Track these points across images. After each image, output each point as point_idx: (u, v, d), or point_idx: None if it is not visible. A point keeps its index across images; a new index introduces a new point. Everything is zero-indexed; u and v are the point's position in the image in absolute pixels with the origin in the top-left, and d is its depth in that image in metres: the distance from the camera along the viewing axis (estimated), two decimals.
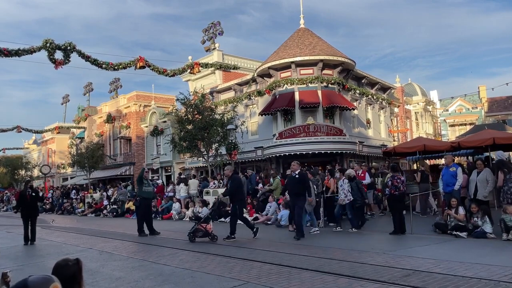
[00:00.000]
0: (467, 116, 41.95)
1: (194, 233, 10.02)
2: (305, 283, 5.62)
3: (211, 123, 19.09)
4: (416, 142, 17.50)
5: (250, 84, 24.53)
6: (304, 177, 10.55)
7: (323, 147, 19.73)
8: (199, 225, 10.05)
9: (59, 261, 2.40)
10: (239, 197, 10.87)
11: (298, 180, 10.48)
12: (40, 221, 14.80)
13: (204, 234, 10.02)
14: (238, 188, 10.84)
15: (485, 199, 9.86)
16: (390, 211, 11.43)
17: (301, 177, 10.53)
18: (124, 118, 36.18)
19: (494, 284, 5.15)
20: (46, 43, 15.85)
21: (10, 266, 7.70)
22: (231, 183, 11.04)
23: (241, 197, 11.10)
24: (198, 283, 5.89)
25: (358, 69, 23.97)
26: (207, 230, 10.03)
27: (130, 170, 34.03)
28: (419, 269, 6.09)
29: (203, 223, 10.10)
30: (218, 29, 27.45)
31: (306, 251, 8.18)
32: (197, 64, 21.02)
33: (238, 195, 10.79)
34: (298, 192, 10.42)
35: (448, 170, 10.96)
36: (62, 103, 48.53)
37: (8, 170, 45.98)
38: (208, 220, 10.24)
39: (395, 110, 30.73)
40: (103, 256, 8.87)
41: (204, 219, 10.23)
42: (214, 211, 11.03)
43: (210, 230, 10.08)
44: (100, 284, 6.14)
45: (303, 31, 23.39)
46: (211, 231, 10.07)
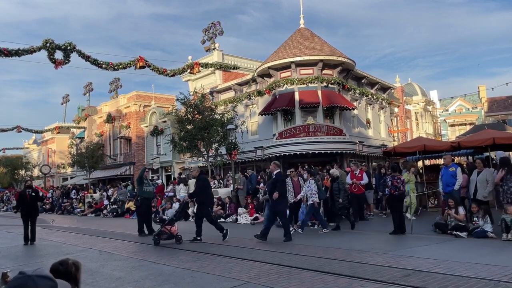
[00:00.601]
0: (467, 116, 41.95)
1: (158, 235, 9.84)
2: (305, 283, 5.62)
3: (211, 123, 19.08)
4: (416, 142, 17.50)
5: (250, 84, 24.53)
6: (277, 179, 10.24)
7: (323, 147, 19.72)
8: (164, 228, 9.87)
9: (55, 262, 2.41)
10: (205, 198, 10.64)
11: (272, 181, 10.33)
12: (40, 221, 14.81)
13: (169, 237, 9.84)
14: (203, 189, 10.62)
15: (485, 199, 9.86)
16: (390, 211, 11.44)
17: (275, 178, 10.29)
18: (124, 118, 36.18)
19: (494, 284, 5.15)
20: (46, 43, 15.85)
21: (10, 266, 7.70)
22: (197, 183, 10.79)
23: (207, 199, 10.87)
24: (198, 283, 5.90)
25: (358, 69, 23.96)
26: (171, 232, 9.86)
27: (130, 170, 34.03)
28: (419, 269, 6.09)
29: (168, 225, 9.91)
30: (218, 29, 27.45)
31: (306, 251, 8.18)
32: (197, 64, 21.01)
33: (204, 197, 10.57)
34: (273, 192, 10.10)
35: (447, 170, 10.97)
36: (62, 103, 48.56)
37: (8, 170, 46.00)
38: (173, 222, 10.07)
39: (395, 110, 30.74)
40: (103, 256, 8.87)
41: (169, 221, 10.05)
42: (180, 213, 10.69)
43: (175, 232, 9.93)
44: (100, 284, 6.14)
45: (303, 31, 23.39)
46: (177, 233, 9.93)
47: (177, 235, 9.90)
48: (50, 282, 1.98)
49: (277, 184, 10.09)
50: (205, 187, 10.76)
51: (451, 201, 9.91)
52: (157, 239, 9.83)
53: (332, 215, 12.96)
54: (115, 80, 37.88)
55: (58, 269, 2.34)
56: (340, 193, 11.63)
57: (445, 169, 11.09)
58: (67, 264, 2.38)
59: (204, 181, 10.89)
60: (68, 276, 2.32)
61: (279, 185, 10.09)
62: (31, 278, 1.93)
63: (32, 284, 1.91)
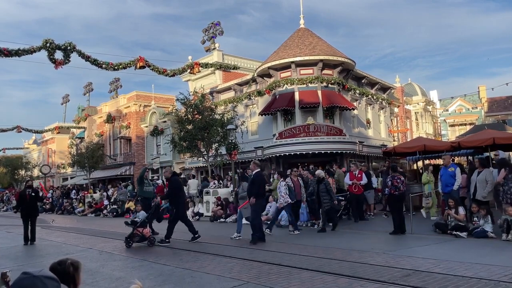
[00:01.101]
0: (467, 116, 41.95)
1: (130, 238, 9.73)
2: (305, 283, 5.62)
3: (211, 123, 19.08)
4: (416, 142, 17.50)
5: (250, 84, 24.53)
6: (253, 179, 10.09)
7: (323, 147, 19.72)
8: (136, 230, 9.76)
9: (54, 262, 2.40)
10: (179, 200, 10.48)
11: (250, 181, 10.22)
12: (40, 221, 14.81)
13: (141, 239, 9.76)
14: (177, 190, 10.45)
15: (484, 200, 9.86)
16: (390, 211, 11.44)
17: (252, 178, 10.16)
18: (124, 118, 36.18)
19: (494, 284, 5.15)
20: (46, 43, 15.85)
21: (10, 266, 7.71)
22: (169, 185, 10.62)
23: (181, 200, 10.69)
24: (198, 283, 5.90)
25: (358, 69, 23.96)
26: (143, 234, 9.78)
27: (130, 170, 34.03)
28: (419, 269, 6.09)
29: (140, 227, 9.81)
30: (218, 29, 27.44)
31: (306, 251, 8.19)
32: (197, 64, 21.01)
33: (177, 198, 10.43)
34: (249, 192, 10.01)
35: (446, 170, 10.97)
36: (62, 103, 48.57)
37: (8, 170, 46.00)
38: (145, 224, 9.97)
39: (395, 110, 30.73)
40: (103, 256, 8.88)
41: (140, 223, 9.90)
42: (152, 215, 10.51)
43: (148, 234, 9.85)
44: (100, 284, 6.14)
45: (303, 31, 23.39)
46: (149, 236, 9.85)
47: (149, 237, 9.81)
48: (56, 283, 1.99)
49: (255, 185, 9.90)
50: (178, 188, 10.57)
51: (451, 201, 9.91)
52: (129, 241, 9.69)
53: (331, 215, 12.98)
54: (115, 80, 37.88)
55: (56, 269, 2.34)
56: (328, 195, 11.44)
57: (444, 169, 11.10)
58: (65, 264, 2.38)
59: (177, 183, 10.70)
60: (66, 276, 2.32)
61: (255, 186, 9.90)
62: (39, 279, 1.93)
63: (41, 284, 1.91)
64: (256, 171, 10.14)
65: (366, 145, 22.63)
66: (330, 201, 11.48)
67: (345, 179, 13.68)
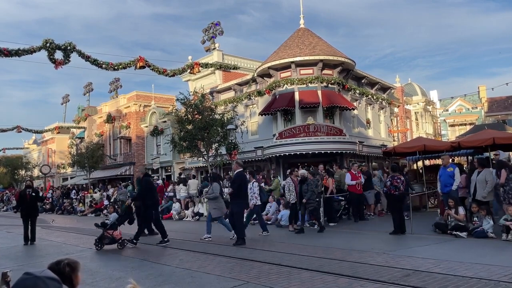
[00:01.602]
0: (467, 116, 41.94)
1: (100, 240, 9.63)
2: (305, 283, 5.63)
3: (211, 123, 19.07)
4: (416, 142, 17.50)
5: (250, 84, 24.52)
6: (233, 179, 9.98)
7: (323, 147, 19.71)
8: (106, 232, 9.66)
9: (52, 262, 2.40)
10: (151, 201, 10.30)
11: (231, 181, 10.13)
12: (40, 221, 14.81)
13: (111, 241, 9.63)
14: (148, 191, 10.29)
15: (484, 200, 9.86)
16: (390, 211, 11.44)
17: (233, 178, 10.03)
18: (124, 118, 36.18)
19: (494, 284, 5.15)
20: (46, 43, 15.84)
21: (10, 266, 7.71)
22: (140, 186, 10.42)
23: (153, 201, 10.49)
24: (198, 283, 5.90)
25: (358, 69, 23.95)
26: (114, 236, 9.65)
27: (130, 170, 34.02)
28: (419, 269, 6.09)
29: (110, 229, 9.70)
30: (218, 29, 27.42)
31: (306, 251, 8.19)
32: (197, 64, 20.99)
33: (149, 199, 10.25)
34: (233, 194, 9.92)
35: (445, 170, 10.97)
36: (62, 103, 48.56)
37: (8, 170, 45.99)
38: (115, 226, 9.83)
39: (395, 110, 30.73)
40: (103, 256, 8.88)
41: (111, 225, 9.80)
42: (123, 217, 10.29)
43: (118, 236, 9.73)
44: (100, 284, 6.14)
45: (303, 31, 23.38)
46: (119, 238, 9.73)
47: (120, 239, 9.69)
48: (57, 284, 1.99)
49: (234, 185, 9.84)
50: (149, 189, 10.38)
51: (451, 201, 9.92)
52: (99, 243, 9.57)
53: (331, 215, 12.99)
54: (115, 80, 37.86)
55: (54, 269, 2.34)
56: (313, 195, 11.27)
57: (443, 169, 11.10)
58: (61, 264, 2.38)
59: (148, 183, 10.51)
60: (62, 276, 2.32)
61: (235, 186, 9.81)
62: (41, 280, 1.93)
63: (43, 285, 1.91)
64: (238, 171, 10.05)
65: (366, 145, 22.63)
66: (314, 201, 11.31)
67: (347, 180, 13.65)
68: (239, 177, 9.93)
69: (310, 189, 11.31)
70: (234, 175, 10.14)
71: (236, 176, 9.98)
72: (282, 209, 13.64)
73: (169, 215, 18.20)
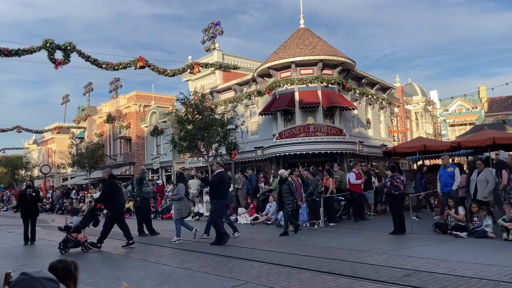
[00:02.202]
0: (467, 116, 41.93)
1: (65, 243, 9.42)
2: (305, 283, 5.62)
3: (211, 123, 19.07)
4: (416, 142, 17.50)
5: (250, 84, 24.51)
6: (212, 178, 9.93)
7: (323, 147, 19.70)
8: (70, 235, 9.46)
9: (54, 261, 2.40)
10: (115, 203, 10.07)
11: (210, 181, 10.06)
12: (40, 221, 14.79)
13: (75, 244, 9.45)
14: (112, 192, 10.04)
15: (485, 200, 9.85)
16: (390, 211, 11.43)
17: (212, 178, 10.00)
18: (124, 118, 36.17)
19: (494, 284, 5.15)
20: (46, 43, 15.84)
21: (10, 266, 7.71)
22: (104, 187, 10.25)
23: (117, 203, 10.22)
24: (198, 283, 5.90)
25: (358, 69, 23.94)
26: (78, 240, 9.47)
27: (130, 170, 34.03)
28: (419, 269, 6.09)
29: (74, 232, 9.50)
30: (218, 29, 27.40)
31: (306, 251, 8.19)
32: (197, 64, 20.99)
33: (113, 201, 10.03)
34: (211, 194, 9.82)
35: (445, 170, 10.97)
36: (62, 103, 48.52)
37: (8, 170, 46.00)
38: (79, 229, 9.62)
39: (395, 110, 30.72)
40: (103, 256, 8.88)
41: (74, 228, 9.58)
42: (87, 219, 9.96)
43: (83, 239, 9.53)
44: (100, 284, 6.14)
45: (303, 31, 23.37)
46: (84, 241, 9.53)
47: (84, 242, 9.50)
48: (55, 285, 1.98)
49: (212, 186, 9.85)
50: (113, 191, 10.13)
51: (451, 201, 9.92)
52: (63, 247, 9.37)
53: (331, 215, 12.98)
54: (115, 80, 37.84)
55: (57, 267, 2.33)
56: (291, 196, 11.05)
57: (443, 169, 11.09)
58: (67, 262, 2.37)
59: (112, 185, 10.26)
60: (68, 274, 2.31)
61: (212, 186, 9.80)
62: (38, 280, 1.92)
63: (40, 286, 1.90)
64: (218, 171, 10.01)
65: (366, 145, 22.62)
66: (293, 202, 11.09)
67: (352, 179, 13.64)
68: (217, 177, 9.92)
69: (291, 189, 11.10)
70: (213, 175, 10.12)
71: (214, 176, 10.01)
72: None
73: (169, 215, 18.19)
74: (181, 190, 10.65)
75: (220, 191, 9.82)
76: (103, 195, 10.27)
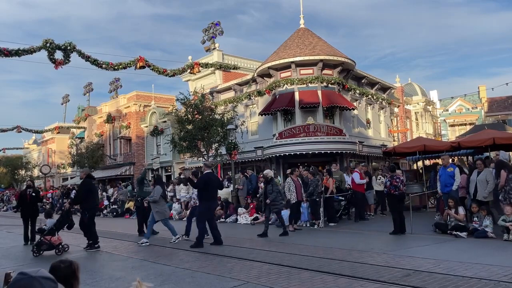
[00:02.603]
0: (467, 116, 41.91)
1: (38, 246, 9.29)
2: (305, 283, 5.62)
3: (211, 123, 19.08)
4: (416, 142, 17.49)
5: (250, 84, 24.51)
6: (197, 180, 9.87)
7: (323, 147, 19.71)
8: (44, 238, 9.35)
9: (56, 261, 2.40)
10: (89, 204, 9.91)
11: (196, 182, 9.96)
12: (40, 221, 14.79)
13: (49, 247, 9.28)
14: (88, 193, 9.86)
15: (485, 200, 9.85)
16: (390, 211, 11.43)
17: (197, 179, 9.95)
18: (124, 118, 36.17)
19: (494, 284, 5.15)
20: (46, 43, 15.84)
21: (10, 266, 7.71)
22: (80, 187, 10.08)
23: (91, 204, 10.04)
24: (198, 283, 5.90)
25: (358, 69, 23.94)
26: (52, 242, 9.30)
27: (130, 170, 34.03)
28: (419, 269, 6.09)
29: (47, 235, 9.37)
30: (218, 29, 27.40)
31: (306, 251, 8.18)
32: (197, 64, 20.98)
33: (88, 202, 9.87)
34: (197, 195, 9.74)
35: (445, 170, 10.96)
36: (62, 103, 48.53)
37: (8, 170, 46.02)
38: (53, 232, 9.48)
39: (395, 110, 30.71)
40: (103, 256, 8.88)
41: (48, 231, 9.44)
42: (62, 222, 9.80)
43: (57, 242, 9.38)
44: (100, 284, 6.14)
45: (303, 31, 23.37)
46: (59, 243, 9.38)
47: (58, 245, 9.35)
48: (53, 284, 1.97)
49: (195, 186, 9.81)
50: (89, 191, 9.94)
51: (451, 201, 9.91)
52: (37, 250, 9.25)
53: (331, 215, 12.98)
54: (115, 80, 37.85)
55: (59, 267, 2.33)
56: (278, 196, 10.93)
57: (443, 169, 11.09)
58: (69, 262, 2.38)
59: (88, 185, 10.04)
60: (71, 274, 2.31)
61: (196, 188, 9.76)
62: (36, 280, 1.91)
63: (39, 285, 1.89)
64: (205, 172, 9.98)
65: (366, 145, 22.62)
66: (279, 202, 10.98)
67: (356, 179, 13.65)
68: (202, 178, 9.87)
69: (276, 189, 10.99)
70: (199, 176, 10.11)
71: (200, 177, 9.98)
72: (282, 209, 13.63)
73: (169, 215, 18.18)
74: (157, 192, 10.43)
75: (205, 193, 9.66)
76: (79, 195, 9.98)
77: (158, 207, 10.43)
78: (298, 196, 12.04)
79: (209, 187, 9.65)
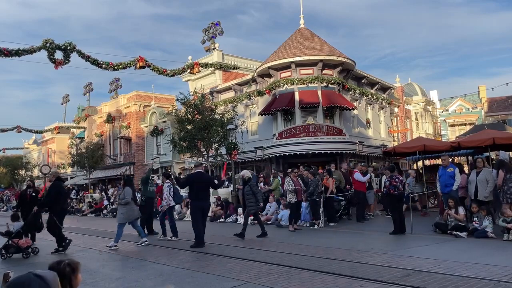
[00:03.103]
0: (467, 116, 41.92)
1: (6, 249, 9.08)
2: (305, 283, 5.62)
3: (211, 123, 19.07)
4: (416, 142, 17.49)
5: (250, 84, 24.51)
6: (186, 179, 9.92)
7: (323, 147, 19.71)
8: (11, 241, 9.13)
9: (53, 262, 2.41)
10: (58, 207, 9.72)
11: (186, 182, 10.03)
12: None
13: (16, 250, 9.06)
14: (57, 196, 9.64)
15: (486, 199, 9.85)
16: (390, 211, 11.43)
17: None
18: (124, 118, 36.18)
19: (494, 284, 5.15)
20: (46, 43, 15.83)
21: (10, 267, 7.70)
22: (50, 189, 9.89)
23: (60, 207, 9.87)
24: (198, 283, 5.90)
25: (358, 69, 23.94)
26: (19, 245, 9.08)
27: (130, 170, 34.02)
28: (419, 269, 6.09)
29: (15, 238, 9.16)
30: (218, 29, 27.40)
31: (306, 251, 8.18)
32: (197, 64, 20.98)
33: (58, 204, 9.69)
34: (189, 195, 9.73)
35: (445, 170, 10.96)
36: (62, 103, 48.51)
37: (8, 170, 45.99)
38: (20, 235, 9.28)
39: (395, 110, 30.72)
40: (103, 256, 8.88)
41: (16, 234, 9.23)
42: (29, 225, 9.62)
43: (25, 245, 9.15)
44: (100, 284, 6.14)
45: (303, 31, 23.38)
46: (26, 246, 9.16)
47: (26, 248, 9.14)
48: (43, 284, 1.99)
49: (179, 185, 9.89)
50: (59, 193, 9.76)
51: (451, 201, 9.91)
52: (4, 253, 9.04)
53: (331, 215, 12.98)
54: (115, 80, 37.84)
55: (54, 268, 2.34)
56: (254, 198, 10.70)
57: (443, 169, 11.08)
58: (61, 264, 2.38)
59: (59, 187, 9.84)
60: (62, 276, 2.32)
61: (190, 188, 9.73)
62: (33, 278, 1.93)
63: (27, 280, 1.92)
64: (193, 172, 9.95)
65: (366, 145, 22.63)
66: (256, 204, 10.76)
67: (359, 177, 13.66)
68: (190, 177, 9.82)
69: (255, 190, 10.87)
70: None
71: (188, 176, 10.04)
72: (282, 209, 13.63)
73: None
74: (128, 194, 10.22)
75: (192, 193, 9.62)
76: (49, 198, 9.79)
77: (123, 210, 10.15)
78: (298, 196, 12.04)
79: (195, 187, 9.53)
